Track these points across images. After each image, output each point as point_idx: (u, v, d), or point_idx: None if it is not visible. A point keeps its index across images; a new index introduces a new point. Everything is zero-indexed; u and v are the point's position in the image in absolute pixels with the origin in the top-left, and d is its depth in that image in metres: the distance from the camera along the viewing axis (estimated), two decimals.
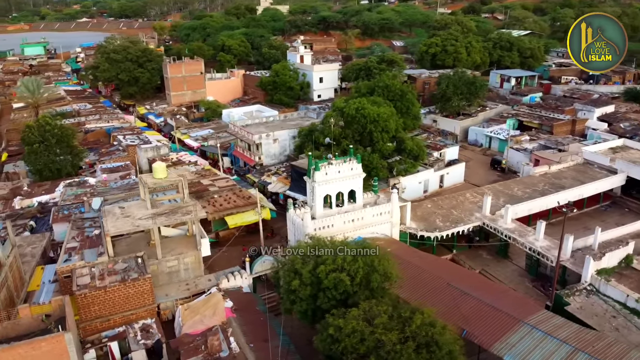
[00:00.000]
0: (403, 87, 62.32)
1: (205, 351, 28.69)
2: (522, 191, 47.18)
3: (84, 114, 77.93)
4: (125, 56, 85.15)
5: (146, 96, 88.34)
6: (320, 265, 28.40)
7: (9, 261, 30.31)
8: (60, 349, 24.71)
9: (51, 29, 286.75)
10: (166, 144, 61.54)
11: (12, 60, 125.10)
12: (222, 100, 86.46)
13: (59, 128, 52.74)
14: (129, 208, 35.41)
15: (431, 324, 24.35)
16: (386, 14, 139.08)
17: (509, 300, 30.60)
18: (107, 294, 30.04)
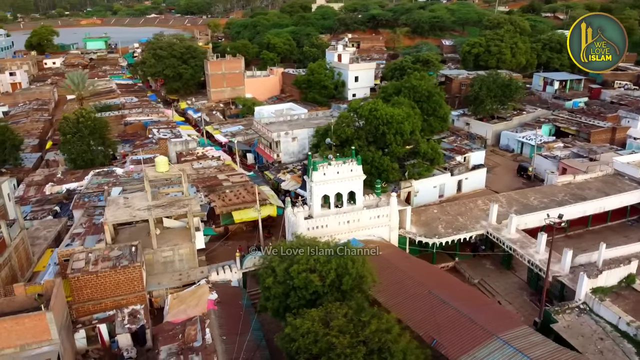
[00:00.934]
0: (430, 88, 61.09)
1: (181, 340, 29.93)
2: (538, 200, 45.21)
3: (128, 107, 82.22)
4: (170, 52, 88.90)
5: (189, 92, 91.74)
6: (294, 264, 28.93)
7: (15, 242, 32.95)
8: (42, 326, 26.68)
9: (121, 24, 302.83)
10: (195, 138, 63.83)
11: (75, 53, 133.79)
12: (260, 98, 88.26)
13: (93, 120, 56.13)
14: (132, 199, 37.35)
15: (387, 330, 24.20)
16: (439, 12, 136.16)
17: (490, 313, 29.66)
18: (98, 279, 31.92)
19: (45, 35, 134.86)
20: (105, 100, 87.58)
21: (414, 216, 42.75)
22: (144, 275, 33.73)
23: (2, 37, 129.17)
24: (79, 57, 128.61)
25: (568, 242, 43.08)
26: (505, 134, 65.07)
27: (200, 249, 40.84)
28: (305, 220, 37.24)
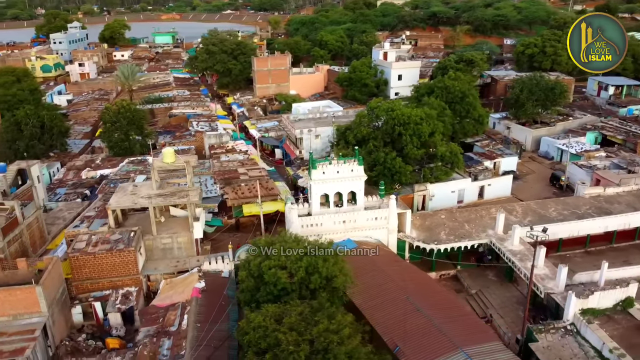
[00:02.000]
0: (464, 89, 59.19)
1: (160, 323, 31.51)
2: (557, 212, 42.70)
3: (178, 99, 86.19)
4: (221, 48, 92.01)
5: (238, 87, 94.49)
6: (266, 260, 29.56)
7: (29, 220, 36.03)
8: (32, 299, 29.18)
9: (198, 19, 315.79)
10: (229, 132, 65.94)
11: (143, 47, 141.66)
12: (304, 95, 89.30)
13: (131, 111, 59.58)
14: (140, 187, 39.53)
15: (335, 331, 24.21)
16: (504, 10, 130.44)
17: (463, 325, 28.67)
18: (96, 260, 34.21)
19: (117, 29, 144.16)
20: (159, 92, 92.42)
21: (418, 220, 41.94)
22: (140, 260, 35.64)
23: (77, 29, 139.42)
24: (146, 50, 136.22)
25: (585, 258, 40.58)
26: (545, 140, 61.66)
27: (206, 239, 42.76)
28: (299, 218, 37.65)
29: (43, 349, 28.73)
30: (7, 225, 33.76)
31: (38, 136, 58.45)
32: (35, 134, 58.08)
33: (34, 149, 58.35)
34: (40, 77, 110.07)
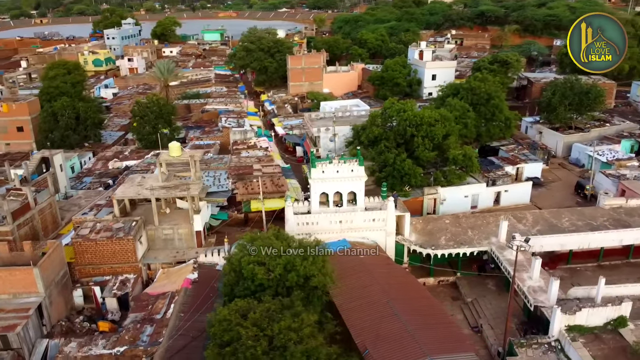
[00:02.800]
0: (490, 91, 57.33)
1: (148, 311, 32.75)
2: (571, 222, 40.63)
3: (214, 95, 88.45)
4: (258, 46, 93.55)
5: (274, 84, 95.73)
6: (247, 255, 30.04)
7: (41, 206, 38.32)
8: (30, 279, 31.12)
9: (253, 17, 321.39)
10: (254, 129, 67.08)
11: (192, 44, 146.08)
12: (337, 93, 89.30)
13: (159, 106, 61.80)
14: (147, 179, 41.11)
15: (296, 330, 24.30)
16: (557, 10, 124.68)
17: (439, 334, 28.00)
18: (97, 246, 36.00)
19: (168, 25, 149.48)
20: (200, 88, 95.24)
21: (420, 224, 41.18)
22: (140, 248, 37.13)
23: (130, 26, 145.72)
24: (194, 47, 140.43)
25: (597, 272, 38.28)
26: (576, 147, 58.65)
27: (213, 232, 43.87)
28: (295, 216, 37.87)
29: (36, 327, 30.58)
30: (18, 209, 36.12)
31: (73, 127, 61.79)
32: (70, 125, 61.45)
33: (69, 139, 61.80)
34: (91, 70, 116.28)
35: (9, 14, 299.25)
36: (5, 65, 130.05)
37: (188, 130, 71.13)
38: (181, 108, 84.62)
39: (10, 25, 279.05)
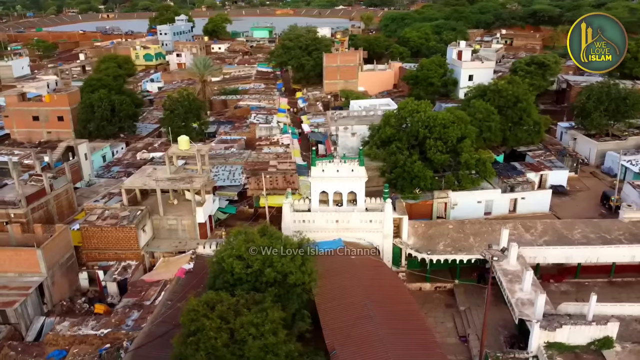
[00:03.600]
0: (518, 93, 55.18)
1: (140, 296, 34.19)
2: (582, 235, 38.55)
3: (251, 92, 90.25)
4: (296, 44, 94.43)
5: (311, 82, 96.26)
6: (229, 249, 30.77)
7: (57, 192, 40.74)
8: (34, 260, 33.25)
9: (310, 14, 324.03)
10: (280, 126, 67.97)
11: (240, 41, 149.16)
12: (372, 92, 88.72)
13: (188, 101, 63.84)
14: (158, 170, 42.73)
15: (257, 325, 24.65)
16: (615, 11, 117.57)
17: (411, 340, 27.64)
18: (102, 232, 37.92)
19: (219, 22, 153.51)
20: (240, 84, 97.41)
21: (422, 228, 40.43)
22: (143, 236, 38.75)
23: (183, 22, 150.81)
24: (242, 44, 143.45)
25: (606, 288, 36.53)
26: (609, 155, 55.34)
27: (222, 225, 45.05)
28: (292, 213, 38.18)
29: (36, 305, 32.71)
30: (33, 194, 38.63)
31: (108, 118, 64.96)
32: (105, 116, 64.62)
33: (104, 130, 65.03)
34: (142, 65, 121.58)
35: (79, 8, 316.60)
36: (66, 58, 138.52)
37: (219, 125, 73.08)
38: (218, 103, 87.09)
39: (79, 19, 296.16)
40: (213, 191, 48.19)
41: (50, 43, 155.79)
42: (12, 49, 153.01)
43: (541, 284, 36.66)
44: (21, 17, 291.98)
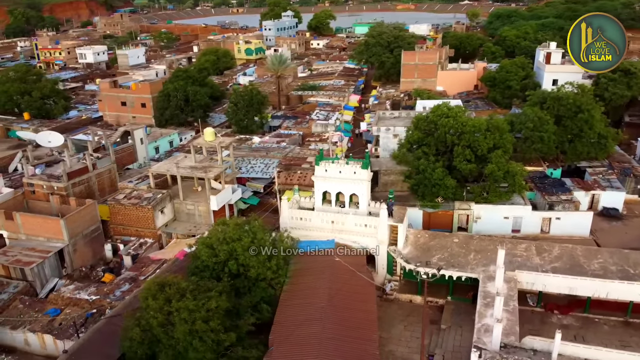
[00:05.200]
0: (580, 102, 49.79)
1: (139, 272, 37.62)
2: (601, 265, 34.28)
3: (328, 88, 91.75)
4: (378, 41, 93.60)
5: (391, 80, 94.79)
6: (205, 238, 32.83)
7: (100, 171, 45.94)
8: (58, 228, 38.26)
9: (431, 9, 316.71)
10: (335, 124, 68.68)
11: (340, 37, 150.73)
12: (450, 92, 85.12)
13: (251, 95, 67.12)
14: (186, 159, 46.16)
15: (193, 311, 26.23)
16: None
17: (347, 347, 27.41)
18: (125, 210, 42.21)
19: (323, 18, 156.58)
20: (323, 80, 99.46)
21: (425, 238, 39.02)
22: (160, 218, 42.36)
23: (288, 18, 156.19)
24: (341, 40, 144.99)
25: (617, 329, 32.53)
26: None
27: (243, 215, 47.32)
28: (289, 210, 39.03)
29: (53, 267, 37.66)
30: (75, 171, 44.06)
31: (182, 107, 70.80)
32: (179, 105, 70.55)
33: (178, 118, 71.06)
34: (243, 59, 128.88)
35: (213, 2, 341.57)
36: (182, 49, 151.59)
37: (285, 119, 75.70)
38: (295, 98, 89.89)
39: (212, 13, 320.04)
40: (243, 182, 50.84)
41: (172, 35, 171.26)
42: (140, 39, 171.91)
43: (544, 314, 33.84)
44: (162, 9, 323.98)
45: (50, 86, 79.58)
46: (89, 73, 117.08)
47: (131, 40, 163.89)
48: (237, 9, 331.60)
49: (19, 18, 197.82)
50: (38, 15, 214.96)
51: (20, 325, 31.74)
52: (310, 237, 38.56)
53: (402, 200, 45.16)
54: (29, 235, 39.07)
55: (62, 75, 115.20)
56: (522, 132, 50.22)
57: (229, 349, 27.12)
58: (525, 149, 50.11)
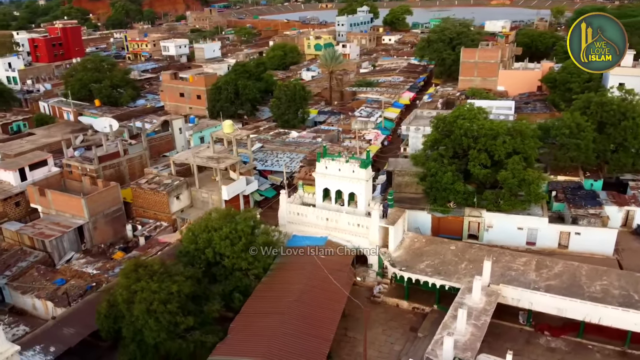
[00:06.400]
0: (626, 109, 45.30)
1: (144, 252, 40.19)
2: (603, 288, 31.31)
3: (384, 85, 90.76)
4: (439, 37, 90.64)
5: (452, 77, 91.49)
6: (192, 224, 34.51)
7: (131, 156, 49.49)
8: (80, 206, 41.98)
9: (527, 5, 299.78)
10: (374, 121, 67.97)
11: (414, 32, 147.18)
12: (512, 92, 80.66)
13: (292, 90, 68.28)
14: (205, 149, 48.30)
15: (154, 292, 27.79)
16: None
17: (298, 344, 27.53)
18: (144, 194, 45.25)
19: (399, 14, 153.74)
20: (383, 76, 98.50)
21: (422, 242, 38.02)
22: (175, 203, 44.89)
23: (363, 13, 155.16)
24: (414, 36, 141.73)
25: (612, 358, 29.51)
26: None
27: (260, 206, 48.80)
28: (287, 205, 39.61)
29: (72, 241, 41.35)
30: (106, 155, 47.83)
31: (232, 100, 73.74)
32: (229, 99, 73.53)
33: (227, 110, 74.07)
34: (311, 54, 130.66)
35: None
36: (260, 44, 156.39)
37: (331, 115, 76.14)
38: (349, 94, 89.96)
39: (301, 9, 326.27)
40: (266, 174, 52.22)
41: (253, 30, 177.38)
42: (224, 34, 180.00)
43: (532, 334, 31.85)
44: (254, 4, 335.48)
45: (121, 76, 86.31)
46: (167, 65, 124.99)
47: (216, 34, 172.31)
48: (326, 5, 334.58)
49: (120, 11, 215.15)
50: (137, 9, 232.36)
51: (30, 290, 35.38)
52: (306, 233, 39.05)
53: (414, 203, 44.04)
54: (58, 211, 43.21)
55: (144, 66, 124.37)
56: (557, 139, 46.74)
57: (189, 331, 28.43)
58: (560, 156, 46.55)
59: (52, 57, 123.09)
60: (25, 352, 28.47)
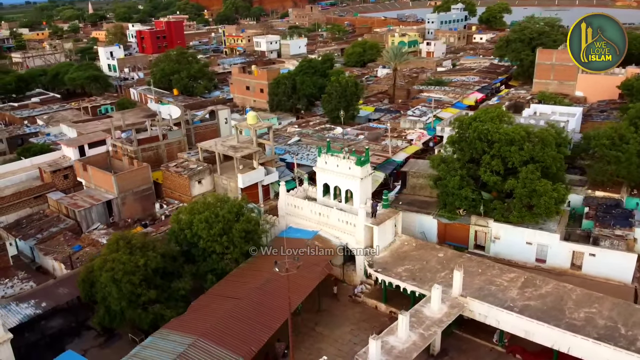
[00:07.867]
0: None
1: (158, 228, 43.29)
2: (587, 316, 28.20)
3: (452, 85, 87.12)
4: (519, 36, 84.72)
5: (530, 80, 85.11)
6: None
7: (169, 141, 53.30)
8: (110, 183, 46.34)
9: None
10: (423, 121, 65.82)
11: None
12: (591, 98, 73.51)
13: (343, 86, 68.30)
14: (231, 139, 50.50)
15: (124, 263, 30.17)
16: None
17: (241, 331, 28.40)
18: (170, 176, 48.63)
19: (496, 11, 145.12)
20: (459, 75, 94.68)
21: (412, 247, 37.05)
22: (196, 187, 47.68)
23: (457, 10, 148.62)
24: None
25: None
26: None
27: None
28: (285, 197, 40.30)
29: (100, 214, 45.73)
30: (145, 138, 51.99)
31: (289, 95, 75.74)
32: (286, 93, 75.58)
33: (285, 104, 76.27)
34: None
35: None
36: (350, 41, 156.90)
37: (387, 113, 75.14)
38: (415, 92, 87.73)
39: (409, 6, 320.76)
40: (291, 167, 53.25)
41: (348, 27, 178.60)
42: (320, 31, 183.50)
43: (502, 354, 29.87)
44: (361, 2, 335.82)
45: (199, 68, 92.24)
46: (254, 60, 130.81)
47: (312, 31, 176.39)
48: (435, 2, 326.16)
49: (230, 8, 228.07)
50: (246, 6, 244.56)
51: (51, 253, 39.99)
52: (301, 225, 39.55)
53: (425, 207, 42.59)
54: (96, 185, 48.00)
55: (234, 60, 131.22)
56: (596, 149, 42.22)
57: (152, 304, 30.52)
58: (598, 169, 42.00)
59: (155, 48, 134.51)
60: (21, 304, 32.55)
